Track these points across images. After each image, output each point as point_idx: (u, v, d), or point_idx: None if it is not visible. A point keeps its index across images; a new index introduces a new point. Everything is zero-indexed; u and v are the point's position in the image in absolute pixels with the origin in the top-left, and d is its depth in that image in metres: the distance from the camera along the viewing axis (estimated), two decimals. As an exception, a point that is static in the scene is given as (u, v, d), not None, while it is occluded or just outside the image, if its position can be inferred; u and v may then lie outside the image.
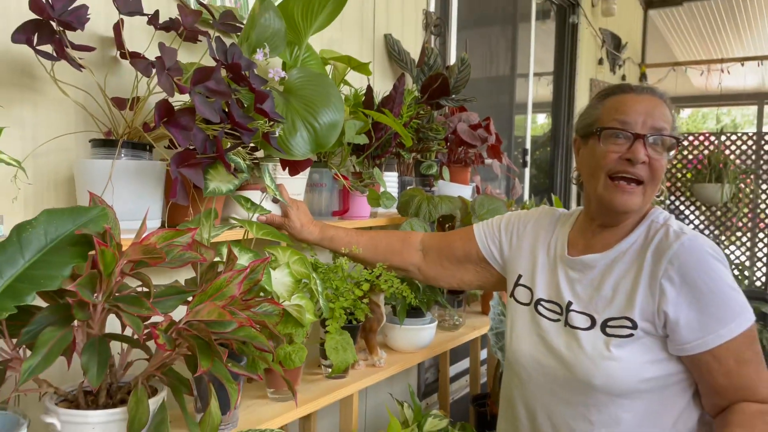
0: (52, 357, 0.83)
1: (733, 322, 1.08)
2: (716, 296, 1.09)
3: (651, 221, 1.22)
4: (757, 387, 1.10)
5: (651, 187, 1.19)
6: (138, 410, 0.92)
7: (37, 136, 1.23)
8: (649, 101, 1.19)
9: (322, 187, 1.76)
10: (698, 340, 1.09)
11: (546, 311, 1.28)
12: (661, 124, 1.17)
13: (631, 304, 1.15)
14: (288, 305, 1.22)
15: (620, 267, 1.20)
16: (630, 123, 1.17)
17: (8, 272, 0.80)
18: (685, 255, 1.12)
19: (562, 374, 1.19)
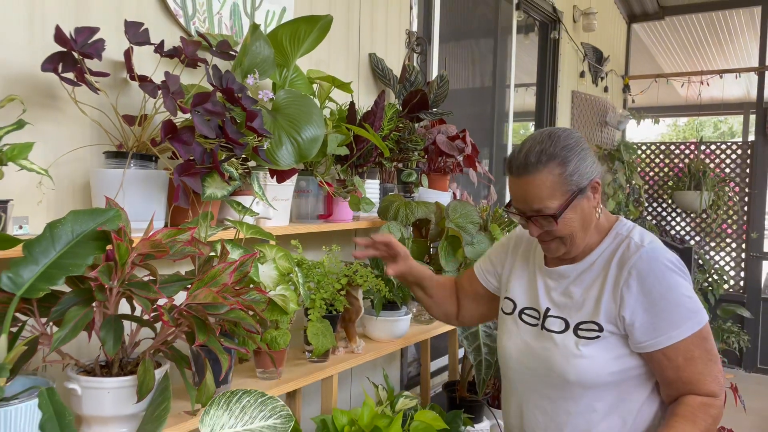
0: (77, 330, 1.02)
1: (683, 326, 1.22)
2: (668, 302, 1.23)
3: (616, 233, 1.35)
4: (703, 381, 1.23)
5: (569, 237, 1.31)
6: (146, 378, 1.11)
7: (58, 149, 1.42)
8: (524, 184, 1.27)
9: (308, 193, 1.96)
10: (651, 341, 1.24)
11: (527, 317, 1.42)
12: (536, 206, 1.27)
13: (597, 309, 1.29)
14: (273, 294, 1.41)
15: (589, 276, 1.33)
16: (519, 207, 1.32)
17: (43, 261, 0.99)
18: (642, 265, 1.25)
19: (543, 372, 1.34)
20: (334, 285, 1.63)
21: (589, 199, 1.30)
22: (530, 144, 1.28)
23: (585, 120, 4.87)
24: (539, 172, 1.26)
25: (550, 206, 1.26)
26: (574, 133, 1.32)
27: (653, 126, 6.63)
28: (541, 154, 1.26)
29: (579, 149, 1.28)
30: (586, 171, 1.28)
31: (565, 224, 1.28)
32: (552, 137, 1.28)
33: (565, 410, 1.32)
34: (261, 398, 1.06)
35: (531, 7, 3.96)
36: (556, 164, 1.26)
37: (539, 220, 1.29)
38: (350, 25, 2.34)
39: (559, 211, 1.26)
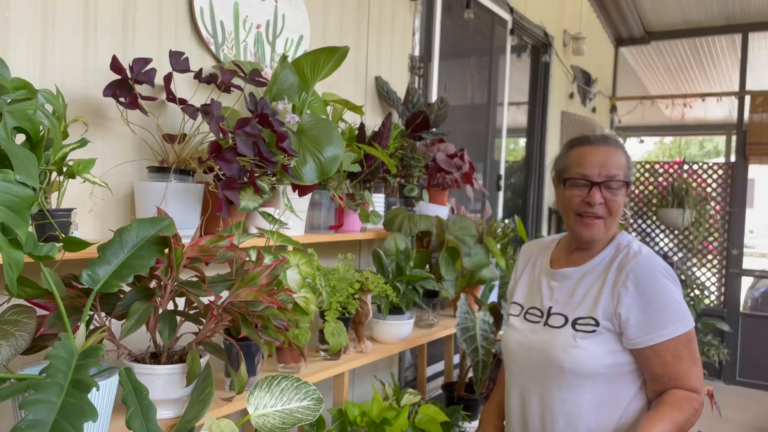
0: (141, 322, 1.19)
1: (672, 326, 1.35)
2: (660, 304, 1.37)
3: (617, 243, 1.51)
4: (688, 378, 1.36)
5: (610, 220, 1.47)
6: (193, 365, 1.28)
7: (104, 163, 1.59)
8: (604, 152, 1.46)
9: (321, 206, 2.14)
10: (643, 337, 1.37)
11: (532, 317, 1.56)
12: (613, 172, 1.44)
13: (595, 306, 1.42)
14: (297, 297, 1.58)
15: (590, 278, 1.48)
16: (587, 174, 1.45)
17: (114, 261, 1.16)
18: (639, 269, 1.40)
19: (542, 362, 1.47)
20: (348, 290, 1.81)
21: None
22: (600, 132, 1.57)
23: (573, 139, 5.10)
24: (618, 148, 1.48)
25: (621, 177, 1.44)
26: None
27: (639, 145, 6.89)
28: (617, 141, 1.51)
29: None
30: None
31: (617, 204, 1.46)
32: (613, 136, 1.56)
33: (560, 398, 1.44)
34: (297, 383, 1.23)
35: (523, 31, 4.18)
36: (623, 152, 1.49)
37: (606, 188, 1.44)
38: (358, 50, 2.53)
39: (626, 183, 1.45)
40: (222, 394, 1.48)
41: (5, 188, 0.96)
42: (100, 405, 1.09)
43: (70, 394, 0.87)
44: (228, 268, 1.49)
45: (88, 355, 0.96)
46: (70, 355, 0.95)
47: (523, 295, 1.63)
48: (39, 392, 0.85)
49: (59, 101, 1.21)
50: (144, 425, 0.98)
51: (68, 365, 0.93)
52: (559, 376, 1.44)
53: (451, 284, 2.30)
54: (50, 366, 0.91)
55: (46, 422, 0.82)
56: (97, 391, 1.03)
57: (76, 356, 0.96)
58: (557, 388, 1.46)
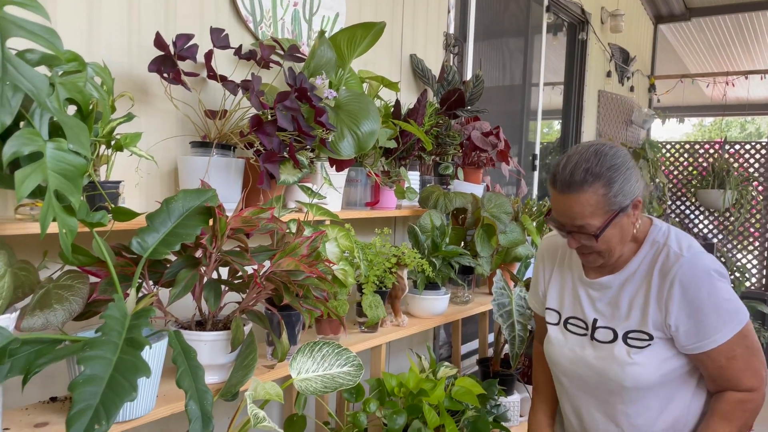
0: (187, 289, 1.23)
1: (723, 329, 1.29)
2: (710, 309, 1.29)
3: (652, 239, 1.38)
4: (743, 378, 1.31)
5: (608, 252, 1.35)
6: (238, 332, 1.32)
7: (149, 139, 1.63)
8: (567, 201, 1.31)
9: (358, 183, 2.16)
10: (695, 344, 1.31)
11: (574, 327, 1.48)
12: (578, 223, 1.31)
13: (645, 319, 1.34)
14: (336, 269, 1.61)
15: (632, 285, 1.38)
16: (560, 221, 1.36)
17: (162, 230, 1.20)
18: (683, 275, 1.31)
19: (597, 379, 1.41)
20: (385, 264, 1.83)
21: (629, 216, 1.33)
22: (576, 160, 1.29)
23: (611, 119, 5.01)
24: (584, 191, 1.28)
25: (592, 224, 1.30)
26: (621, 151, 1.32)
27: (678, 125, 6.73)
28: (587, 173, 1.27)
29: (625, 169, 1.29)
30: (630, 190, 1.30)
31: (604, 241, 1.32)
32: (599, 155, 1.29)
33: (624, 413, 1.41)
34: (338, 349, 1.26)
35: (560, 9, 4.11)
36: (601, 184, 1.27)
37: (579, 236, 1.34)
38: (393, 28, 2.53)
39: (600, 230, 1.30)
40: (264, 361, 1.52)
41: (59, 157, 1.00)
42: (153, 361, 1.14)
43: (125, 351, 0.91)
44: (269, 240, 1.52)
45: (140, 315, 1.00)
46: (123, 316, 0.99)
47: (558, 301, 1.54)
48: (95, 349, 0.89)
49: (108, 75, 1.24)
50: (193, 384, 1.02)
51: (122, 325, 0.97)
52: (621, 393, 1.40)
53: (487, 261, 2.31)
54: (105, 325, 0.95)
55: (102, 377, 0.86)
56: (149, 350, 1.07)
57: (129, 317, 1.00)
58: (620, 403, 1.41)
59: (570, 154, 1.33)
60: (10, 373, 0.99)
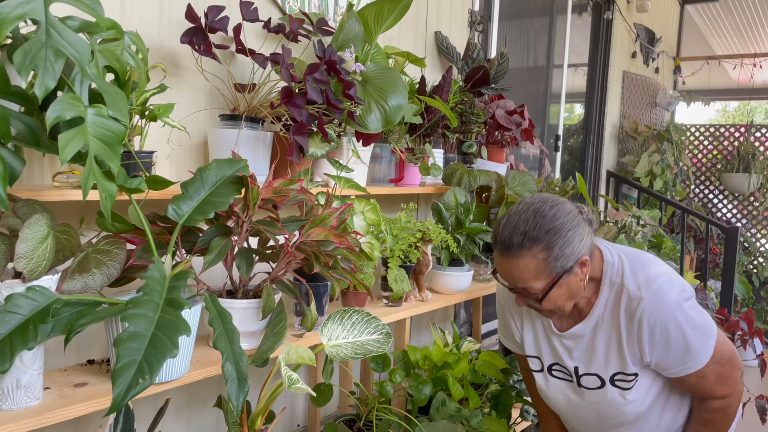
0: (221, 256, 1.25)
1: (693, 361, 1.30)
2: (678, 343, 1.28)
3: (609, 281, 1.35)
4: (716, 390, 1.33)
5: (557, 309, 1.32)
6: (268, 300, 1.34)
7: (179, 112, 1.65)
8: (507, 264, 1.27)
9: (382, 159, 2.16)
10: (668, 372, 1.34)
11: (559, 373, 1.48)
12: (520, 286, 1.29)
13: (623, 361, 1.35)
14: (363, 241, 1.62)
15: (603, 331, 1.37)
16: (505, 281, 1.33)
17: (196, 198, 1.22)
18: (648, 318, 1.29)
19: (597, 418, 1.45)
20: (410, 239, 1.84)
21: (576, 274, 1.28)
22: (516, 221, 1.26)
23: (635, 100, 4.94)
24: (522, 256, 1.24)
25: (534, 287, 1.27)
26: (562, 209, 1.27)
27: (704, 108, 6.62)
28: (525, 237, 1.23)
29: (566, 230, 1.24)
30: (573, 252, 1.25)
31: (550, 302, 1.29)
32: (537, 216, 1.25)
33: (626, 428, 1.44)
34: (367, 317, 1.27)
35: (586, -13, 4.05)
36: (539, 249, 1.23)
37: (525, 297, 1.32)
38: (419, 4, 2.52)
39: (543, 293, 1.27)
40: (292, 331, 1.55)
41: (99, 122, 1.02)
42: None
43: (165, 311, 0.94)
44: (297, 214, 1.54)
45: (179, 278, 1.02)
46: (162, 278, 1.01)
47: (536, 349, 1.51)
48: (137, 308, 0.92)
49: (142, 44, 1.26)
50: (229, 346, 1.04)
51: (162, 286, 0.99)
52: (625, 424, 1.43)
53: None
54: (146, 285, 0.97)
55: (145, 334, 0.89)
56: (189, 310, 1.10)
57: (168, 279, 1.02)
58: (622, 427, 1.45)
59: (510, 213, 1.29)
60: (52, 333, 1.02)
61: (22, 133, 1.04)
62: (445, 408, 1.59)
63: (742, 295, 5.06)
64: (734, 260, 3.92)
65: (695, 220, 5.16)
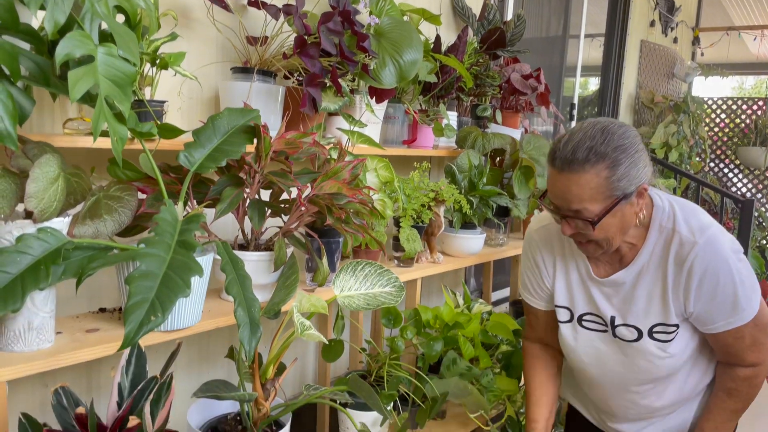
0: (233, 205, 1.23)
1: (737, 316, 1.24)
2: (728, 296, 1.23)
3: (659, 225, 1.27)
4: (748, 355, 1.28)
5: (606, 240, 1.23)
6: (280, 252, 1.33)
7: (190, 64, 1.63)
8: (566, 180, 1.18)
9: (395, 120, 2.13)
10: (708, 327, 1.27)
11: (591, 324, 1.39)
12: (575, 207, 1.19)
13: (666, 311, 1.28)
14: (375, 198, 1.60)
15: (647, 279, 1.29)
16: (555, 204, 1.23)
17: (208, 146, 1.20)
18: (700, 264, 1.22)
19: (627, 376, 1.37)
20: (423, 198, 1.81)
21: (633, 204, 1.21)
22: (581, 136, 1.18)
23: (652, 70, 4.85)
24: (585, 171, 1.16)
25: (590, 209, 1.18)
26: (630, 131, 1.21)
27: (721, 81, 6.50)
28: (590, 152, 1.15)
29: (633, 151, 1.18)
30: (636, 176, 1.18)
31: (602, 229, 1.21)
32: (605, 133, 1.17)
33: (657, 394, 1.39)
34: (380, 270, 1.26)
35: (605, -48, 3.94)
36: (604, 166, 1.15)
37: (575, 221, 1.22)
38: (435, -38, 2.46)
39: (598, 217, 1.19)
40: (304, 287, 1.54)
41: (109, 62, 1.00)
42: (196, 280, 1.16)
43: (177, 252, 0.92)
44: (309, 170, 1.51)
45: (191, 221, 1.01)
46: (174, 220, 1.00)
47: (568, 298, 1.42)
48: (149, 247, 0.91)
49: (153, -13, 1.23)
50: (241, 292, 1.03)
51: (173, 227, 0.98)
52: (652, 382, 1.38)
53: (524, 203, 2.28)
54: (158, 227, 0.96)
55: (157, 273, 0.87)
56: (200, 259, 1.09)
57: (180, 222, 1.01)
58: (652, 389, 1.39)
59: (574, 130, 1.20)
60: (64, 275, 1.01)
61: (32, 71, 1.02)
62: (456, 366, 1.59)
63: (755, 270, 5.02)
64: (749, 233, 3.87)
65: (709, 194, 5.09)
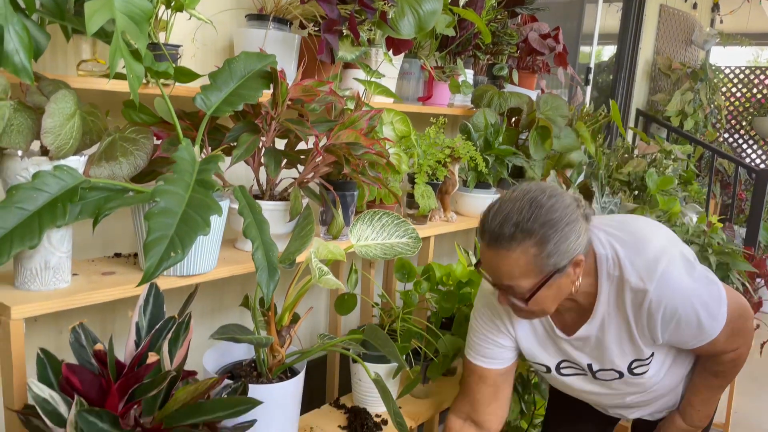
0: (249, 151, 1.21)
1: (706, 333, 1.23)
2: (691, 322, 1.21)
3: (606, 275, 1.23)
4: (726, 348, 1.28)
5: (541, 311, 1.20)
6: (296, 201, 1.31)
7: (204, 11, 1.58)
8: (495, 256, 1.13)
9: (411, 75, 2.09)
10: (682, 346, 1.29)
11: (569, 370, 1.39)
12: (505, 283, 1.15)
13: (638, 348, 1.27)
14: (391, 152, 1.58)
15: (611, 326, 1.27)
16: (488, 275, 1.19)
17: (224, 89, 1.17)
18: (656, 306, 1.19)
19: (613, 398, 1.42)
20: (438, 155, 1.79)
21: (569, 275, 1.16)
22: (508, 209, 1.12)
23: (670, 37, 4.74)
24: (512, 249, 1.10)
25: (521, 285, 1.14)
26: (561, 201, 1.13)
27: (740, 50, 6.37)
28: (517, 229, 1.09)
29: (563, 224, 1.11)
30: (568, 250, 1.12)
31: (536, 303, 1.16)
32: (533, 207, 1.11)
33: (644, 396, 1.41)
34: (397, 220, 1.24)
35: None
36: (532, 243, 1.10)
37: (509, 295, 1.19)
38: None
39: (530, 293, 1.14)
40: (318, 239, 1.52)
41: (126, -3, 0.97)
42: (213, 225, 1.14)
43: (196, 191, 0.91)
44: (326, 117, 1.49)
45: (209, 161, 0.99)
46: (192, 159, 0.98)
47: (540, 354, 1.39)
48: (168, 184, 0.89)
49: (169, -76, 1.19)
50: (259, 235, 1.02)
51: (192, 166, 0.96)
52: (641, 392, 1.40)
53: (539, 165, 2.25)
54: (176, 165, 0.94)
55: (176, 211, 0.86)
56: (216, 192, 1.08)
57: (198, 162, 0.99)
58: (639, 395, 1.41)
59: (503, 200, 1.15)
60: (80, 215, 1.00)
61: (46, 5, 1.00)
62: (468, 324, 1.58)
63: (765, 242, 4.98)
64: (762, 204, 3.83)
65: (723, 164, 5.03)
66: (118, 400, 0.85)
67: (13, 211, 0.90)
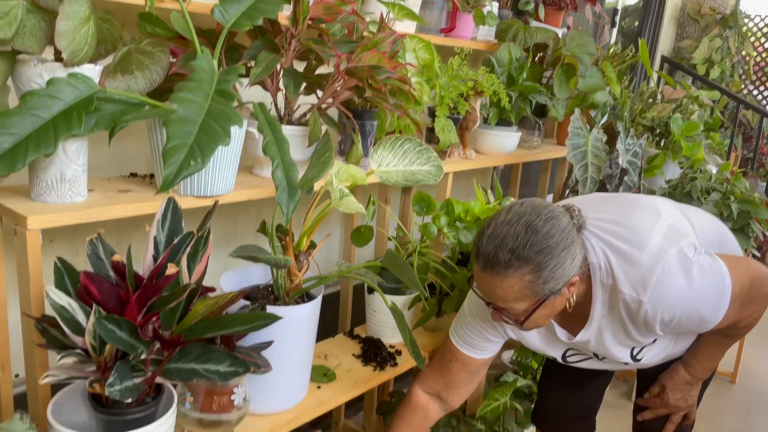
0: (268, 69, 1.17)
1: (710, 322, 1.22)
2: (692, 320, 1.20)
3: (600, 283, 1.21)
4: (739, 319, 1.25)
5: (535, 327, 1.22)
6: (315, 126, 1.27)
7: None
8: (490, 281, 1.11)
9: (434, 5, 2.01)
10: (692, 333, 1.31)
11: (576, 356, 1.41)
12: (501, 306, 1.15)
13: (638, 343, 1.29)
14: (413, 81, 1.53)
15: (608, 329, 1.27)
16: (483, 296, 1.18)
17: (243, 2, 1.12)
18: (651, 313, 1.18)
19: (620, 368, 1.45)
20: (461, 87, 1.73)
21: (563, 294, 1.15)
22: (504, 235, 1.08)
23: (702, -20, 4.55)
24: (508, 275, 1.08)
25: (516, 308, 1.14)
26: (557, 224, 1.10)
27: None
28: (513, 256, 1.07)
29: (560, 250, 1.09)
30: (564, 274, 1.11)
31: (532, 323, 1.17)
32: (529, 233, 1.08)
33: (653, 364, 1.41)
34: (419, 147, 1.21)
35: None
36: (528, 270, 1.08)
37: (503, 315, 1.18)
38: None
39: (525, 316, 1.15)
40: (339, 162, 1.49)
41: None
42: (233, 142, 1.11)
43: (216, 100, 0.88)
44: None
45: (229, 72, 0.95)
46: (211, 69, 0.94)
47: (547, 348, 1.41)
48: (186, 92, 0.86)
49: None
50: (279, 154, 0.99)
51: (211, 76, 0.92)
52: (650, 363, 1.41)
53: (563, 104, 2.18)
54: (195, 74, 0.91)
55: (195, 120, 0.83)
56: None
57: (218, 73, 0.95)
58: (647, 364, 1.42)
59: (498, 222, 1.11)
60: (96, 127, 0.97)
61: None
62: (486, 258, 1.56)
63: (784, 197, 4.91)
64: (785, 157, 3.74)
65: (747, 116, 4.90)
66: (137, 312, 0.85)
67: (28, 117, 0.87)
